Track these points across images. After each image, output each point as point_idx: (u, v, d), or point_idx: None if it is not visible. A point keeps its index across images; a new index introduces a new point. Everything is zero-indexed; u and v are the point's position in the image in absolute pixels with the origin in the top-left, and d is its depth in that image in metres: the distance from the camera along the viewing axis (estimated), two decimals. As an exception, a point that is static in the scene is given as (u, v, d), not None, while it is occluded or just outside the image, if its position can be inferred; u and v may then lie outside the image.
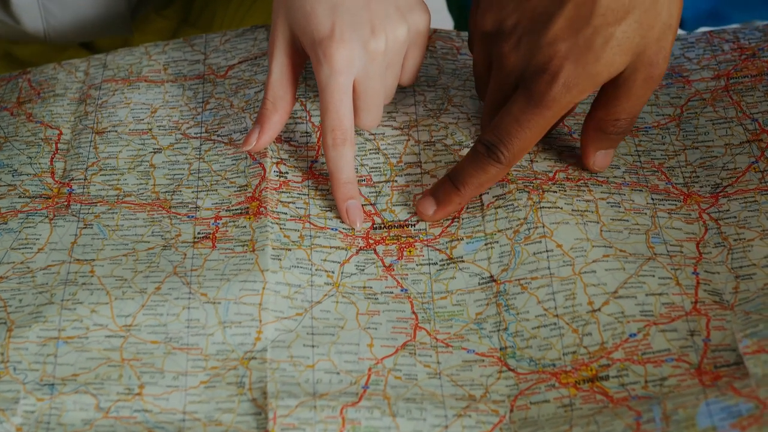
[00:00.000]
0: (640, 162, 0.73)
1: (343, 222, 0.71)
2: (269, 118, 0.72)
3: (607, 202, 0.70)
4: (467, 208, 0.71)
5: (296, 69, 0.73)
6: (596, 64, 0.64)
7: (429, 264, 0.69)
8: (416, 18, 0.72)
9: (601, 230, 0.68)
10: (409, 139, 0.75)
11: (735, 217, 0.69)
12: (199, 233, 0.70)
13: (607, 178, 0.72)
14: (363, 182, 0.73)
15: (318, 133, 0.75)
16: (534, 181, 0.71)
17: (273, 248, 0.67)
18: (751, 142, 0.74)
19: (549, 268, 0.66)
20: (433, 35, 0.83)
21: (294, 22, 0.70)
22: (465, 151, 0.74)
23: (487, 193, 0.71)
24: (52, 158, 0.75)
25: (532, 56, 0.65)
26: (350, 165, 0.71)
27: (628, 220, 0.69)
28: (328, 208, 0.71)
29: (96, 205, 0.72)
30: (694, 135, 0.75)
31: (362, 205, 0.71)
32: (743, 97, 0.77)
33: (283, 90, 0.72)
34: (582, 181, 0.71)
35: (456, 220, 0.70)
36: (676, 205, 0.70)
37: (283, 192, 0.71)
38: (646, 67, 0.65)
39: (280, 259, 0.67)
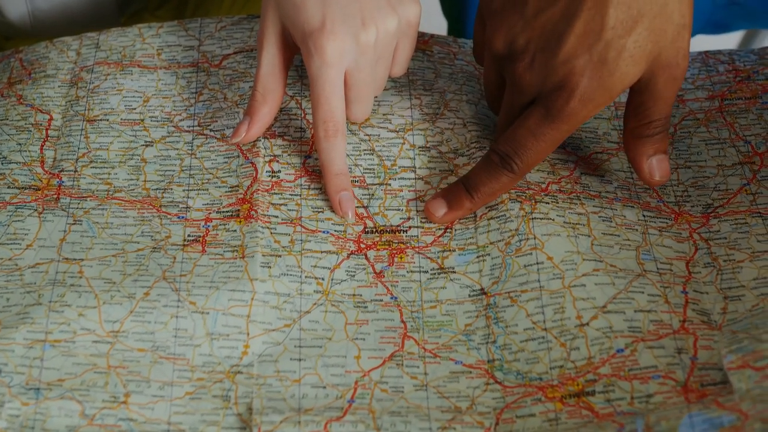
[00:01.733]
0: (633, 179, 0.73)
1: (335, 213, 0.71)
2: (258, 110, 0.72)
3: (599, 216, 0.69)
4: (460, 220, 0.71)
5: (286, 62, 0.72)
6: (611, 77, 0.64)
7: (420, 272, 0.68)
8: (407, 9, 0.71)
9: (592, 244, 0.68)
10: (404, 143, 0.75)
11: (725, 238, 0.69)
12: (189, 236, 0.69)
13: (600, 192, 0.71)
14: (356, 183, 0.72)
15: (312, 130, 0.75)
16: (527, 191, 0.70)
17: (263, 255, 0.67)
18: (743, 164, 0.74)
19: (539, 281, 0.66)
20: (431, 40, 0.82)
21: (284, 14, 0.70)
22: (460, 160, 0.74)
23: None
24: (42, 145, 0.75)
25: (547, 75, 0.65)
26: (342, 157, 0.71)
27: (619, 235, 0.68)
28: (320, 210, 0.71)
29: (86, 200, 0.71)
30: (687, 154, 0.75)
31: (355, 208, 0.71)
32: (737, 118, 0.77)
33: (272, 82, 0.72)
34: (575, 194, 0.71)
35: (448, 231, 0.70)
36: (667, 223, 0.70)
37: (275, 193, 0.71)
38: (666, 69, 0.65)
39: (269, 267, 0.67)
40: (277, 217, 0.70)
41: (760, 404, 0.56)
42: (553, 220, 0.69)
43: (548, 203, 0.70)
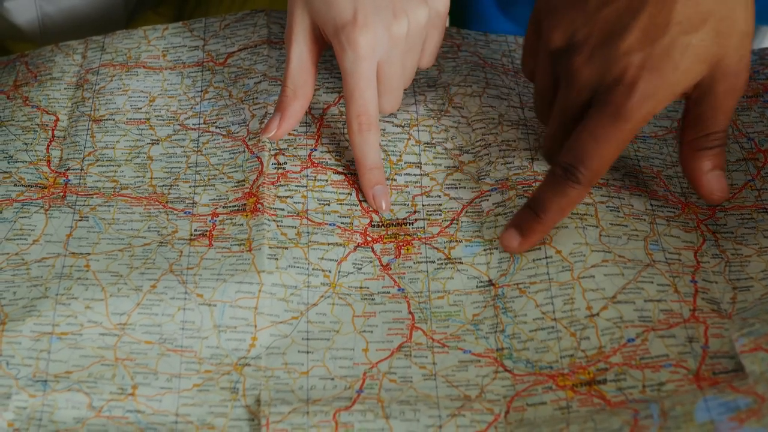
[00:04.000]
0: (639, 166, 0.73)
1: (370, 206, 0.71)
2: (290, 106, 0.72)
3: (607, 206, 0.69)
4: (466, 212, 0.70)
5: (315, 57, 0.72)
6: (675, 72, 0.63)
7: (427, 262, 0.68)
8: (437, 0, 0.71)
9: (600, 235, 0.67)
10: (409, 138, 0.75)
11: (732, 233, 0.69)
12: (195, 230, 0.69)
13: (607, 180, 0.71)
14: None
15: (318, 124, 0.75)
16: (533, 185, 0.70)
17: (270, 247, 0.67)
18: (747, 161, 0.74)
19: (548, 273, 0.66)
20: None
21: (314, 9, 0.70)
22: (465, 157, 0.74)
23: (487, 199, 0.71)
24: (48, 145, 0.75)
25: (606, 68, 0.64)
26: (376, 150, 0.71)
27: (627, 226, 0.68)
28: (326, 202, 0.71)
29: (92, 197, 0.71)
30: None
31: (361, 201, 0.71)
32: (739, 116, 0.77)
33: (302, 78, 0.72)
34: None
35: (455, 222, 0.70)
36: (674, 212, 0.70)
37: (280, 186, 0.71)
38: (728, 78, 0.64)
39: (276, 259, 0.66)
40: (283, 209, 0.69)
41: None
42: None
43: None
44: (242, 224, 0.69)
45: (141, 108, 0.77)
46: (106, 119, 0.76)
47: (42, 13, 0.92)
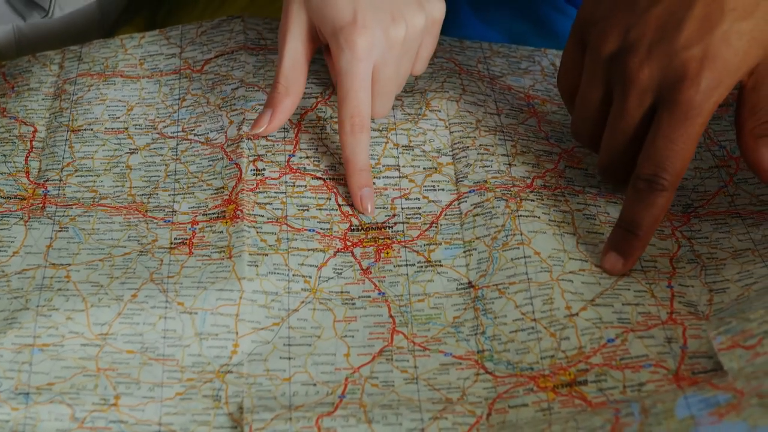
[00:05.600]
0: None
1: (356, 208, 0.71)
2: (281, 102, 0.72)
3: (583, 214, 0.70)
4: (445, 214, 0.71)
5: (309, 55, 0.73)
6: (735, 59, 0.62)
7: (407, 265, 0.69)
8: (433, 6, 0.72)
9: (578, 242, 0.68)
10: (387, 142, 0.75)
11: (707, 238, 0.70)
12: (175, 239, 0.69)
13: (584, 188, 0.72)
14: (341, 181, 0.73)
15: (296, 130, 0.75)
16: (512, 189, 0.71)
17: (250, 254, 0.67)
18: (719, 168, 0.75)
19: (527, 273, 0.66)
20: None
21: (312, 8, 0.70)
22: (444, 159, 0.74)
23: (465, 201, 0.71)
24: (27, 157, 0.75)
25: (667, 64, 0.63)
26: (366, 152, 0.71)
27: (603, 233, 0.69)
28: (305, 207, 0.71)
29: (71, 208, 0.71)
30: None
31: (340, 206, 0.71)
32: (710, 125, 0.78)
33: (295, 75, 0.72)
34: (559, 190, 0.71)
35: (434, 225, 0.70)
36: None
37: (259, 192, 0.71)
38: None
39: (257, 266, 0.67)
40: (262, 216, 0.70)
41: (755, 381, 0.56)
42: (539, 217, 0.69)
43: (533, 200, 0.70)
44: (222, 231, 0.69)
45: (119, 117, 0.77)
46: (85, 129, 0.76)
47: (18, 33, 0.91)
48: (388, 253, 0.69)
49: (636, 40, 0.64)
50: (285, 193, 0.71)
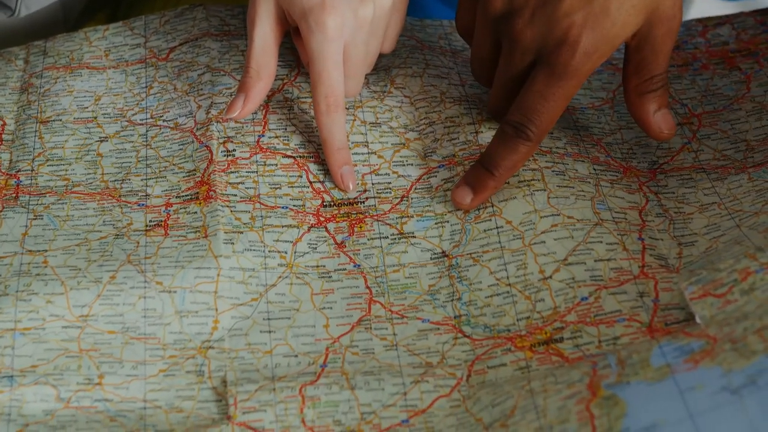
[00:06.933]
0: (580, 135, 0.75)
1: (337, 187, 0.72)
2: (254, 86, 0.73)
3: (552, 171, 0.71)
4: (416, 188, 0.72)
5: (278, 38, 0.73)
6: (613, 27, 0.65)
7: (380, 238, 0.69)
8: None
9: (549, 197, 0.69)
10: (355, 119, 0.76)
11: (674, 193, 0.71)
12: (150, 221, 0.70)
13: (551, 148, 0.73)
14: (311, 159, 0.73)
15: (264, 110, 0.76)
16: None
17: (225, 232, 0.68)
18: (682, 125, 0.77)
19: (500, 242, 0.67)
20: None
21: None
22: (411, 134, 0.75)
23: (435, 176, 0.72)
24: None
25: (549, 30, 0.66)
26: (343, 131, 0.72)
27: (573, 187, 0.70)
28: (277, 186, 0.71)
29: (45, 196, 0.71)
30: (627, 116, 0.77)
31: (312, 183, 0.72)
32: (671, 84, 0.79)
33: (265, 58, 0.73)
34: None
35: (405, 198, 0.71)
36: (616, 176, 0.72)
37: (231, 172, 0.71)
38: (664, 22, 0.67)
39: (232, 243, 0.67)
40: (235, 195, 0.70)
41: (726, 327, 0.58)
42: (509, 182, 0.70)
43: None
44: (196, 212, 0.69)
45: (87, 107, 0.78)
46: (53, 120, 0.77)
47: None
48: (361, 227, 0.70)
49: (521, 5, 0.67)
50: (257, 172, 0.72)
